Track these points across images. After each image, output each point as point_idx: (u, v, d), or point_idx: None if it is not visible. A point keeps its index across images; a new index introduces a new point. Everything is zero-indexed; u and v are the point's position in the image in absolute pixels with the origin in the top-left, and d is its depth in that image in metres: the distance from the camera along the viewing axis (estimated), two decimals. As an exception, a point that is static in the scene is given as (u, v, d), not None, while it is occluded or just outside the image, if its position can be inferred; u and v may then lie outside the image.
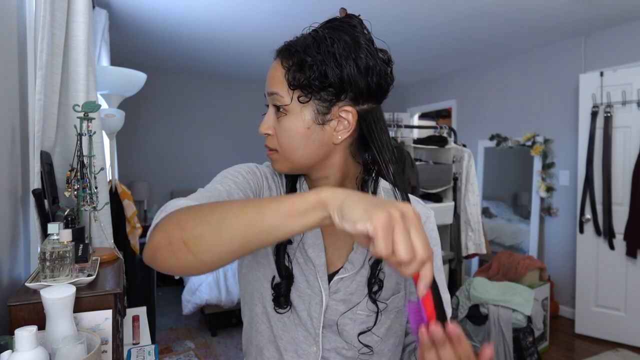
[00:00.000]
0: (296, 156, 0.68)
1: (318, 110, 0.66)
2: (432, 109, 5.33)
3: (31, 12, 1.33)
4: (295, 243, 0.73)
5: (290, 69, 0.65)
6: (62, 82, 1.40)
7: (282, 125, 0.67)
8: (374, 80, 0.65)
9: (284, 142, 0.68)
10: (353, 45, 0.64)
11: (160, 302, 3.98)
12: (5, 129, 1.12)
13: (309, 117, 0.66)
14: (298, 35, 0.69)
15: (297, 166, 0.70)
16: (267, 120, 0.70)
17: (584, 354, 2.99)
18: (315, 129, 0.66)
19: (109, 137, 2.10)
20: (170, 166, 5.18)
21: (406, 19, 3.18)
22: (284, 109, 0.67)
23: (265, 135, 0.70)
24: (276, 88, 0.67)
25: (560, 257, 3.77)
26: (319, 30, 0.67)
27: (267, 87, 0.69)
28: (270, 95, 0.68)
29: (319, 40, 0.64)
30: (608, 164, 3.15)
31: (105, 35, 2.70)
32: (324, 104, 0.65)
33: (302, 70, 0.64)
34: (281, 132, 0.67)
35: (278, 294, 0.72)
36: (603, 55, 3.43)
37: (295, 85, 0.65)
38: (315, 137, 0.67)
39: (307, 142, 0.67)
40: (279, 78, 0.66)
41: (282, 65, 0.66)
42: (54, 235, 0.95)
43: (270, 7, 2.98)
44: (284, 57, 0.67)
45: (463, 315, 2.65)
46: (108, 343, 0.92)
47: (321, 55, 0.63)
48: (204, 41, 3.81)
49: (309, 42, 0.65)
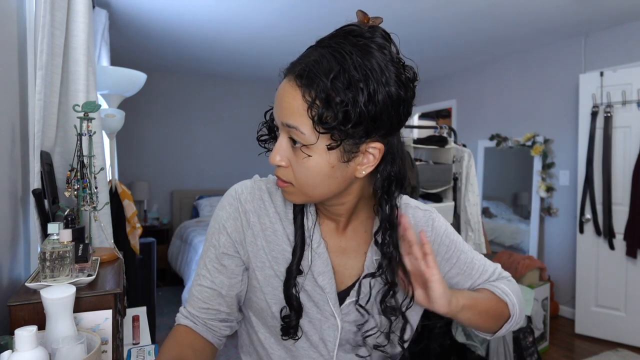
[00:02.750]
0: (316, 192, 0.63)
1: (345, 149, 0.59)
2: (432, 109, 5.33)
3: (31, 12, 1.33)
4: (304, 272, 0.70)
5: (314, 104, 0.56)
6: (62, 82, 1.40)
7: (302, 162, 0.60)
8: (405, 112, 0.60)
9: (304, 180, 0.61)
10: (385, 74, 0.57)
11: (160, 302, 3.98)
12: (5, 129, 1.12)
13: (334, 157, 0.59)
14: (313, 51, 0.59)
15: (314, 200, 0.65)
16: (280, 150, 0.61)
17: (584, 354, 2.99)
18: (339, 167, 0.60)
19: (109, 137, 2.10)
20: (170, 166, 5.18)
21: (406, 19, 3.18)
22: (305, 147, 0.58)
23: (277, 165, 0.63)
24: (295, 122, 0.58)
25: (560, 257, 3.77)
26: (342, 51, 0.57)
27: (281, 116, 0.60)
28: (287, 127, 0.59)
29: (347, 68, 0.55)
30: (608, 164, 3.14)
31: (105, 35, 2.70)
32: (352, 143, 0.59)
33: (329, 108, 0.55)
34: (301, 169, 0.60)
35: (288, 325, 0.69)
36: (603, 55, 3.43)
37: (324, 127, 0.56)
38: (338, 174, 0.61)
39: (330, 179, 0.61)
40: (299, 110, 0.57)
41: (302, 96, 0.57)
42: (54, 235, 0.95)
43: (271, 7, 2.97)
44: (303, 85, 0.57)
45: (463, 315, 2.65)
46: (108, 343, 0.92)
47: (352, 93, 0.55)
48: (204, 41, 3.81)
49: (333, 69, 0.55)
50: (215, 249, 0.72)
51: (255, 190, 0.72)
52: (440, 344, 2.51)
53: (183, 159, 5.24)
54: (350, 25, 0.61)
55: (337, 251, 0.72)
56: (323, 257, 0.70)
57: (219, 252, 0.72)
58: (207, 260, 0.73)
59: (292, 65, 0.60)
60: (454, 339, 2.60)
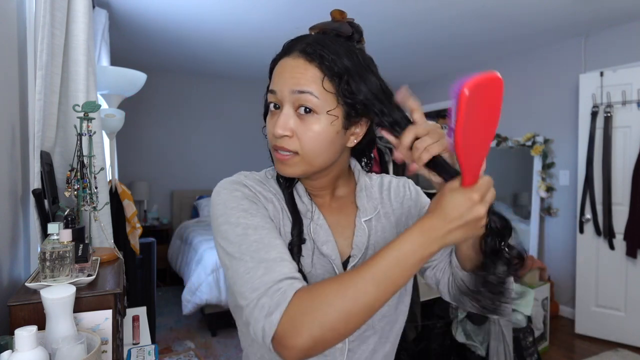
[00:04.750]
0: (319, 160, 0.66)
1: (346, 117, 0.65)
2: (432, 109, 5.32)
3: (31, 12, 1.33)
4: (308, 244, 0.71)
5: (328, 73, 0.63)
6: (62, 82, 1.40)
7: (311, 127, 0.64)
8: (388, 99, 0.66)
9: (310, 146, 0.64)
10: (374, 66, 0.68)
11: (160, 302, 3.98)
12: (5, 129, 1.12)
13: (339, 123, 0.65)
14: (306, 36, 0.68)
15: (314, 170, 0.68)
16: (286, 121, 0.64)
17: (584, 354, 2.99)
18: (341, 134, 0.66)
19: (109, 137, 2.10)
20: (170, 166, 5.18)
21: (407, 20, 3.18)
22: (316, 110, 0.63)
23: (281, 137, 0.65)
24: (310, 87, 0.62)
25: (560, 257, 3.77)
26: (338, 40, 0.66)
27: (291, 85, 0.63)
28: (299, 94, 0.63)
29: (350, 50, 0.65)
30: (608, 164, 3.14)
31: (105, 35, 2.70)
32: (354, 114, 0.65)
33: (343, 78, 0.63)
34: (309, 135, 0.64)
35: None
36: (603, 55, 3.43)
37: (342, 93, 0.63)
38: (338, 142, 0.66)
39: (332, 146, 0.66)
40: (313, 78, 0.63)
41: (315, 66, 0.63)
42: (54, 235, 0.95)
43: (271, 7, 2.97)
44: (316, 59, 0.63)
45: (463, 316, 2.65)
46: (108, 343, 0.92)
47: (357, 68, 0.64)
48: (204, 41, 3.81)
49: (338, 50, 0.64)
50: (252, 216, 0.65)
51: (249, 178, 0.72)
52: (440, 344, 2.51)
53: (183, 159, 5.24)
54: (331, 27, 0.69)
55: (333, 221, 0.74)
56: (324, 228, 0.72)
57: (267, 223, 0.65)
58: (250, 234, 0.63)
59: (290, 46, 0.66)
60: (454, 339, 2.60)
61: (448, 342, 2.57)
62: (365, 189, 0.77)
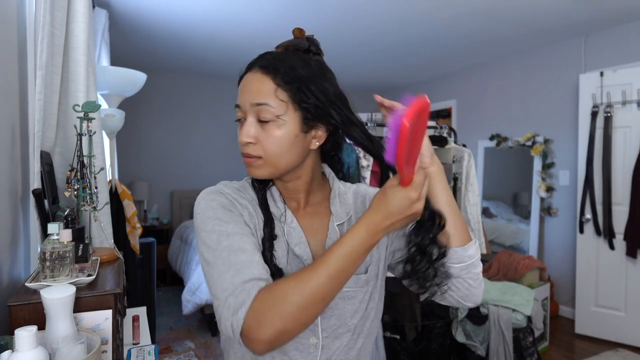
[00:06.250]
0: (282, 162, 0.72)
1: (305, 120, 0.72)
2: (432, 109, 5.33)
3: (31, 12, 1.33)
4: (283, 245, 0.75)
5: (281, 83, 0.70)
6: (62, 82, 1.40)
7: (271, 134, 0.71)
8: (344, 106, 0.74)
9: (272, 150, 0.71)
10: (329, 74, 0.75)
11: (160, 302, 3.98)
12: (5, 129, 1.12)
13: (297, 127, 0.71)
14: (266, 54, 0.74)
15: (279, 171, 0.74)
16: (249, 130, 0.71)
17: (584, 354, 2.99)
18: (300, 137, 0.72)
19: (109, 137, 2.10)
20: (170, 166, 5.18)
21: (406, 19, 3.18)
22: (274, 119, 0.70)
23: (246, 144, 0.73)
24: (265, 99, 0.70)
25: (560, 257, 3.77)
26: (297, 53, 0.74)
27: (250, 99, 0.71)
28: (257, 106, 0.70)
29: (305, 62, 0.72)
30: (608, 164, 3.14)
31: (105, 35, 2.70)
32: (311, 117, 0.72)
33: (296, 85, 0.70)
34: (270, 140, 0.71)
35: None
36: (603, 55, 3.43)
37: (296, 99, 0.70)
38: (299, 144, 0.73)
39: (293, 148, 0.72)
40: (267, 91, 0.70)
41: (270, 79, 0.70)
42: (54, 235, 0.95)
43: (271, 7, 2.97)
44: (270, 72, 0.70)
45: (463, 315, 2.65)
46: (108, 343, 0.92)
47: (312, 77, 0.71)
48: (204, 41, 3.81)
49: (294, 62, 0.71)
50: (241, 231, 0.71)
51: (227, 186, 0.78)
52: (440, 344, 2.51)
53: (183, 159, 5.24)
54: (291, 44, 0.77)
55: (305, 222, 0.79)
56: (297, 230, 0.76)
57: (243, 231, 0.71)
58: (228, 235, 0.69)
59: (252, 63, 0.74)
60: (454, 339, 2.60)
61: (448, 342, 2.57)
62: (338, 195, 0.82)
